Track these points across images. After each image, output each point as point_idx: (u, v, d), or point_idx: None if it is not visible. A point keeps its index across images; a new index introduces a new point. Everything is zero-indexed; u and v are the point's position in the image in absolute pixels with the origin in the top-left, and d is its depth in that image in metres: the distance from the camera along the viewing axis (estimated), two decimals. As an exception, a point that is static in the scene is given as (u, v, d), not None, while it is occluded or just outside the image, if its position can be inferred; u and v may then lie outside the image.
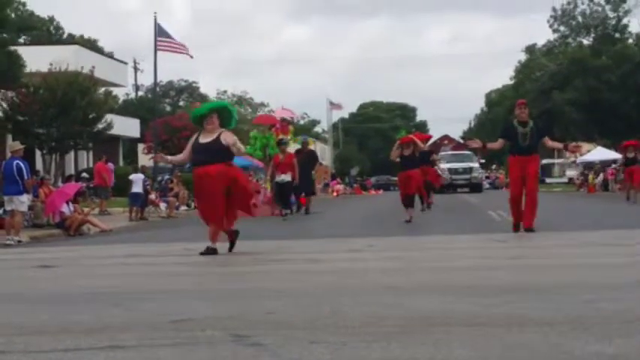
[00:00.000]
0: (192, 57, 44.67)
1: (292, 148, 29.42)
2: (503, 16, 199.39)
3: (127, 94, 79.59)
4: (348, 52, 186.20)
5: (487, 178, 69.80)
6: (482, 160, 71.72)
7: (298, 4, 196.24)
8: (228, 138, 12.72)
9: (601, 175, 55.45)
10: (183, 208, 36.17)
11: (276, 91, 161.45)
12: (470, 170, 55.43)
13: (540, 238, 14.68)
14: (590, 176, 57.27)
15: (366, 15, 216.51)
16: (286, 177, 25.48)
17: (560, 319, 5.91)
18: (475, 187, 53.63)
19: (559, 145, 18.16)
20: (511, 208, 16.02)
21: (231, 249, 13.05)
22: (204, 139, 12.82)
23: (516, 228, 15.81)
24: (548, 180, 72.65)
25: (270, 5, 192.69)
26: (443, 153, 62.26)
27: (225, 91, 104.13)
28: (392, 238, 15.86)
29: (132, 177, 30.51)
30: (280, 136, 28.35)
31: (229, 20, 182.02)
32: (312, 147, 30.56)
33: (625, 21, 71.66)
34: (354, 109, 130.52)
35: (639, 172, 30.28)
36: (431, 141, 39.30)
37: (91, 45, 66.73)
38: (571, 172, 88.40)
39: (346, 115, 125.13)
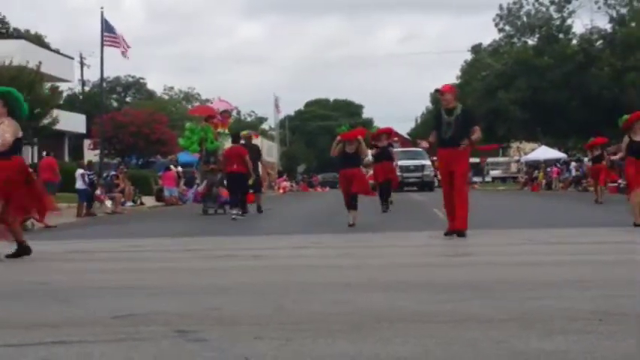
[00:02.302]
0: (127, 58, 44.30)
1: (229, 143, 28.13)
2: (454, 16, 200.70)
3: (71, 89, 78.81)
4: (299, 51, 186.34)
5: (436, 176, 70.00)
6: (435, 158, 71.55)
7: (251, 2, 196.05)
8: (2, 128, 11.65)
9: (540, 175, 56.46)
10: (129, 204, 35.98)
11: (225, 88, 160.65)
12: (422, 168, 53.04)
13: (484, 235, 14.77)
14: (540, 174, 58.06)
15: (319, 14, 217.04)
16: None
17: (503, 316, 5.97)
18: (426, 186, 51.22)
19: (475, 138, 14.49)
20: (444, 206, 14.67)
21: (14, 254, 12.03)
22: None
23: (449, 232, 14.23)
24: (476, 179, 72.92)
25: (222, 3, 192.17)
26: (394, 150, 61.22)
27: (172, 87, 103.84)
28: (337, 235, 15.86)
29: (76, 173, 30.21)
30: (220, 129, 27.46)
31: (180, 17, 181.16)
32: (255, 141, 28.80)
33: (569, 22, 72.45)
34: (302, 106, 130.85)
35: (605, 171, 29.34)
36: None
37: (36, 39, 66.04)
38: (495, 172, 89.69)
39: (292, 113, 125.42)
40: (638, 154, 16.57)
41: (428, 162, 55.63)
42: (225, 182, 26.40)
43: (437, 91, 14.89)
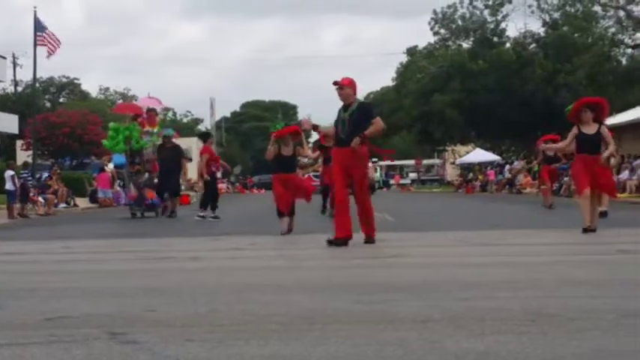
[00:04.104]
0: (49, 58, 43.37)
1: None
2: (392, 20, 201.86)
3: (3, 89, 77.90)
4: (239, 52, 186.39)
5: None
6: (375, 159, 71.75)
7: (191, 3, 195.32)
8: None
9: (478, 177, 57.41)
10: (63, 205, 35.61)
11: (162, 89, 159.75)
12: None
13: (418, 237, 14.85)
14: (480, 176, 59.11)
15: (260, 15, 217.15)
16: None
17: (435, 316, 6.00)
18: (369, 188, 50.72)
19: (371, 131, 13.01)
20: (335, 214, 13.48)
21: None
22: None
23: (335, 242, 12.86)
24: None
25: (162, 3, 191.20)
26: None
27: (107, 88, 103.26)
28: (274, 237, 15.84)
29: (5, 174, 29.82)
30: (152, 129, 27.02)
31: (119, 18, 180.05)
32: (176, 141, 27.64)
33: (503, 25, 73.21)
34: (238, 108, 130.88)
35: (555, 173, 26.83)
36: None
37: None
38: (413, 175, 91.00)
39: (229, 114, 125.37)
40: (588, 148, 14.69)
41: (369, 164, 55.43)
42: (152, 183, 26.34)
43: (335, 84, 13.33)
